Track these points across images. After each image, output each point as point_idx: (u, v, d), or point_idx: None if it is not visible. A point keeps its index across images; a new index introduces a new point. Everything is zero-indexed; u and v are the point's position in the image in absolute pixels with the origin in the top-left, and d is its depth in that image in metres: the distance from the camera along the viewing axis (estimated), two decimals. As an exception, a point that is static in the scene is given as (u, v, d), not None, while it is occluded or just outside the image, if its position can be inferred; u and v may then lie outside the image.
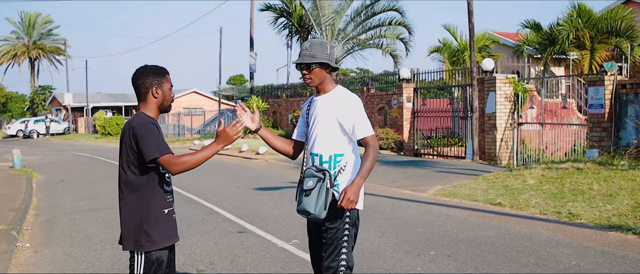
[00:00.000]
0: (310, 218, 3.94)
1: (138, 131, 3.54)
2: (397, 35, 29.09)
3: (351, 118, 3.95)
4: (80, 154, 28.22)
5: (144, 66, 3.75)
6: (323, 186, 3.86)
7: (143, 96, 3.71)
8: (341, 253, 3.92)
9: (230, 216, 9.60)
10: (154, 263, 3.66)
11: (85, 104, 57.85)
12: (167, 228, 3.69)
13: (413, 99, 22.19)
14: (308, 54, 3.97)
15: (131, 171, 3.60)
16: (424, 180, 13.42)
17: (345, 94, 4.06)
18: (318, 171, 3.92)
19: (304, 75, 4.02)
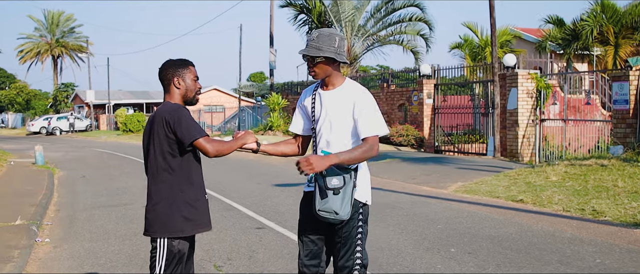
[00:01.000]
0: (332, 219, 3.67)
1: (172, 117, 3.61)
2: (418, 31, 28.90)
3: (361, 113, 3.73)
4: (102, 150, 28.42)
5: (169, 60, 3.84)
6: (350, 185, 3.68)
7: (167, 87, 3.79)
8: (356, 251, 3.80)
9: (249, 212, 9.57)
10: (175, 255, 3.69)
11: (107, 101, 58.33)
12: (200, 214, 3.74)
13: (433, 95, 22.01)
14: (314, 46, 3.73)
15: (165, 158, 3.66)
16: (445, 176, 13.28)
17: (357, 88, 3.83)
18: (341, 168, 3.70)
19: (309, 67, 3.80)
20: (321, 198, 3.70)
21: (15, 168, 18.46)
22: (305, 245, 3.92)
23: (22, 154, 24.66)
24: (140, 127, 43.55)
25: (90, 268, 6.47)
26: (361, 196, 3.82)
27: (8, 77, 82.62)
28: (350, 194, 3.68)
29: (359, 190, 3.80)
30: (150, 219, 3.73)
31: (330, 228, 3.83)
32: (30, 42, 67.63)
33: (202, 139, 3.59)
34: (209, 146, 3.60)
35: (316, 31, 3.78)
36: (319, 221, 3.75)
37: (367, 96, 3.82)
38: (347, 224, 3.77)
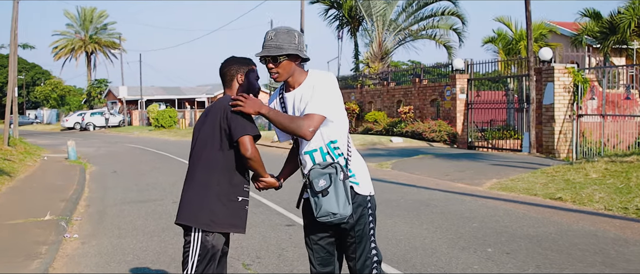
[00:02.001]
0: (335, 220, 3.45)
1: (227, 111, 3.56)
2: (450, 25, 28.46)
3: (313, 93, 3.46)
4: (134, 146, 28.60)
5: (232, 56, 3.84)
6: (337, 180, 3.45)
7: (228, 83, 3.75)
8: (371, 249, 3.63)
9: (279, 209, 9.40)
10: (209, 250, 3.61)
11: (139, 97, 58.87)
12: (236, 214, 3.66)
13: (467, 90, 21.60)
14: (274, 45, 3.48)
15: (212, 147, 3.61)
16: (479, 173, 12.95)
17: (317, 75, 3.56)
18: (324, 167, 3.49)
19: (270, 69, 3.52)
20: (315, 204, 3.49)
21: (48, 163, 18.61)
22: (316, 252, 3.70)
23: (56, 149, 24.92)
24: (171, 123, 43.81)
25: (117, 265, 6.36)
26: (365, 189, 3.62)
27: (43, 73, 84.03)
28: (344, 190, 3.46)
29: (361, 183, 3.59)
30: (183, 207, 3.67)
31: (338, 229, 3.62)
32: (64, 38, 68.69)
33: (248, 137, 3.52)
34: (251, 146, 3.52)
35: (272, 30, 3.52)
36: (327, 224, 3.56)
37: (324, 78, 3.54)
38: (359, 222, 3.57)
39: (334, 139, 3.54)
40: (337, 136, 3.55)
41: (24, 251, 6.76)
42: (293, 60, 3.53)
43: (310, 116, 3.42)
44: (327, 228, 3.61)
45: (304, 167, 3.63)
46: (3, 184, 12.72)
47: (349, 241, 3.60)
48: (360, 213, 3.57)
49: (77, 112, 58.95)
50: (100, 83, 66.40)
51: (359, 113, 28.14)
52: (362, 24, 31.82)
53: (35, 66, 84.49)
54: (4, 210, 9.60)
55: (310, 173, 3.51)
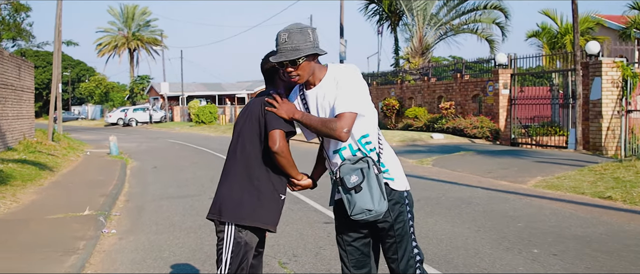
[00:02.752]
0: (371, 217, 3.28)
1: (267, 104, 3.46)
2: (493, 19, 27.89)
3: (339, 89, 3.28)
4: (174, 141, 28.84)
5: (273, 51, 3.65)
6: (370, 174, 3.27)
7: (271, 79, 3.65)
8: (413, 247, 3.43)
9: (317, 206, 9.25)
10: (242, 247, 3.48)
11: (181, 93, 59.49)
12: (276, 211, 3.54)
13: (510, 85, 21.12)
14: (290, 48, 3.27)
15: (251, 141, 3.50)
16: (523, 171, 12.58)
17: (338, 69, 3.39)
18: (355, 162, 3.31)
19: (289, 72, 3.33)
20: (349, 202, 3.32)
21: (91, 158, 18.85)
22: (350, 254, 3.52)
23: (99, 145, 25.27)
24: (212, 118, 44.11)
25: (153, 261, 6.29)
26: (400, 184, 3.42)
27: (88, 70, 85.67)
28: (378, 184, 3.27)
29: (397, 179, 3.40)
30: (218, 201, 3.56)
31: (375, 229, 3.43)
32: (107, 35, 69.87)
33: (279, 131, 3.37)
34: (281, 140, 3.37)
35: (284, 31, 3.31)
36: (358, 222, 3.38)
37: (346, 71, 3.35)
38: (398, 220, 3.38)
39: (365, 133, 3.38)
40: (368, 129, 3.38)
41: (62, 246, 6.76)
42: (311, 59, 3.34)
43: (342, 115, 3.23)
44: (361, 228, 3.44)
45: (332, 165, 3.46)
46: (46, 178, 12.88)
47: (388, 242, 3.42)
48: (398, 210, 3.39)
49: (120, 108, 59.88)
50: (142, 79, 67.34)
51: (399, 109, 27.82)
52: (402, 19, 31.44)
53: (80, 63, 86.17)
54: (45, 204, 9.68)
55: (340, 169, 3.34)
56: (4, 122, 16.89)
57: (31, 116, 21.56)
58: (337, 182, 3.38)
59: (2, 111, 16.79)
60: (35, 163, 14.52)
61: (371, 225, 3.41)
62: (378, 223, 3.38)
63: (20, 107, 19.47)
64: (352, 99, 3.25)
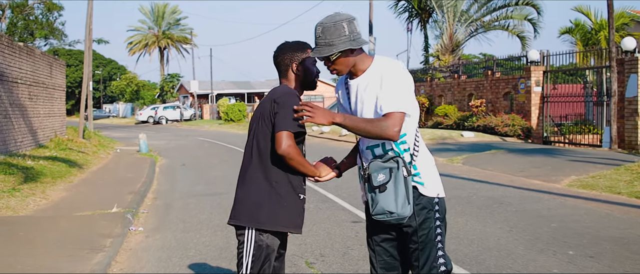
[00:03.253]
0: (392, 220, 3.16)
1: (281, 99, 3.31)
2: (525, 15, 27.43)
3: (383, 87, 3.14)
4: (203, 139, 28.95)
5: (284, 42, 3.56)
6: (399, 176, 3.12)
7: (284, 72, 3.52)
8: (438, 257, 3.23)
9: (345, 204, 9.12)
10: (263, 251, 3.37)
11: (210, 91, 59.83)
12: (297, 213, 3.41)
13: (542, 83, 20.72)
14: (324, 43, 3.16)
15: (266, 141, 3.36)
16: (556, 169, 12.29)
17: (385, 62, 3.24)
18: (386, 160, 3.18)
19: (328, 67, 3.26)
20: (372, 200, 3.20)
21: (121, 156, 18.98)
22: (378, 254, 3.39)
23: (129, 143, 25.47)
24: (241, 116, 44.24)
25: (179, 260, 6.23)
26: (431, 190, 3.25)
27: (119, 68, 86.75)
28: (405, 187, 3.12)
29: (427, 184, 3.23)
30: (237, 206, 3.45)
31: (401, 232, 3.28)
32: (138, 34, 70.61)
33: (285, 133, 3.24)
34: (285, 142, 3.23)
35: (319, 25, 3.19)
36: (389, 225, 3.24)
37: (393, 67, 3.19)
38: (423, 226, 3.21)
39: (402, 132, 3.22)
40: (405, 129, 3.23)
41: (89, 244, 6.74)
42: (349, 54, 3.21)
43: (390, 115, 3.10)
44: (389, 228, 3.30)
45: (364, 160, 3.34)
46: (75, 176, 12.97)
47: (411, 247, 3.26)
48: (424, 216, 3.22)
49: (150, 106, 60.48)
50: (172, 77, 67.92)
51: (428, 107, 27.54)
52: (433, 16, 31.12)
53: (112, 61, 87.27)
54: (74, 202, 9.72)
55: (369, 166, 3.22)
56: (36, 119, 17.08)
57: (62, 113, 21.81)
58: (364, 179, 3.26)
59: (34, 108, 16.99)
60: (65, 160, 14.64)
61: (397, 228, 3.27)
62: (402, 227, 3.24)
63: (52, 104, 19.69)
64: (399, 98, 3.12)
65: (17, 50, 15.42)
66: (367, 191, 3.24)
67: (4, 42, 14.32)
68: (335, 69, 3.24)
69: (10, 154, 13.71)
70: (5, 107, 14.17)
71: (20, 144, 15.25)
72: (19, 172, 11.46)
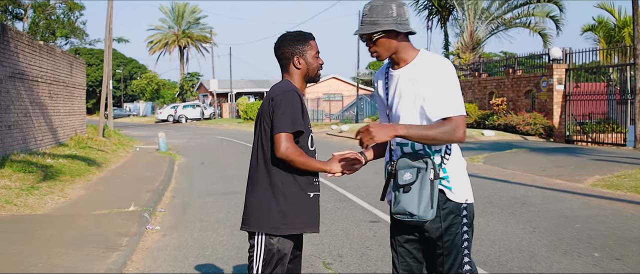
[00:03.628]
0: (412, 222, 3.01)
1: (278, 98, 3.17)
2: (547, 12, 27.06)
3: (439, 88, 2.99)
4: (222, 138, 28.98)
5: (285, 34, 3.38)
6: (425, 178, 2.97)
7: (285, 67, 3.37)
8: (464, 263, 3.09)
9: (364, 204, 9.00)
10: (274, 255, 3.23)
11: (229, 90, 59.95)
12: (309, 212, 3.27)
13: (564, 81, 20.41)
14: (369, 21, 3.03)
15: (269, 142, 3.22)
16: (580, 169, 12.06)
17: (435, 59, 3.07)
18: (416, 159, 3.02)
19: (369, 48, 3.12)
20: (394, 199, 3.05)
21: (140, 154, 19.02)
22: (400, 256, 3.23)
23: (148, 141, 25.56)
24: (260, 115, 44.24)
25: (195, 260, 6.16)
26: (461, 196, 3.09)
27: (140, 67, 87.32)
28: (430, 190, 2.96)
29: (456, 188, 3.07)
30: (247, 211, 3.33)
31: (425, 236, 3.13)
32: (158, 33, 71.05)
33: (283, 135, 3.11)
34: (284, 144, 3.11)
35: (368, 3, 3.07)
36: (413, 226, 3.10)
37: (446, 67, 3.04)
38: (448, 232, 3.06)
39: None
40: None
41: (105, 243, 6.69)
42: (392, 37, 3.06)
43: (453, 119, 2.97)
44: (413, 231, 3.16)
45: (393, 155, 3.19)
46: (94, 174, 12.99)
47: (436, 252, 3.12)
48: (450, 221, 3.07)
49: (170, 105, 60.79)
50: (192, 76, 68.21)
51: (448, 105, 27.25)
52: (453, 14, 30.83)
53: (132, 60, 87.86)
54: (92, 200, 9.71)
55: (397, 163, 3.07)
56: (56, 118, 17.17)
57: (83, 112, 21.92)
58: (390, 175, 3.12)
59: (54, 107, 17.08)
60: (84, 159, 14.69)
61: (421, 231, 3.13)
62: (425, 231, 3.10)
63: (72, 103, 19.80)
64: (459, 100, 3.02)
65: (37, 49, 15.50)
66: (391, 188, 3.11)
67: (24, 41, 14.40)
68: (375, 51, 3.09)
69: (30, 152, 13.77)
70: (25, 106, 14.25)
71: (41, 143, 15.33)
72: (38, 170, 11.50)
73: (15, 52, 13.58)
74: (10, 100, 13.10)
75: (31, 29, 41.55)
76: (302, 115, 3.21)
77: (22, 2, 40.62)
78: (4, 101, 12.73)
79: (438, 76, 3.01)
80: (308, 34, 3.37)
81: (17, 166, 11.44)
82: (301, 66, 3.33)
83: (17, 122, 13.51)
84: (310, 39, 3.36)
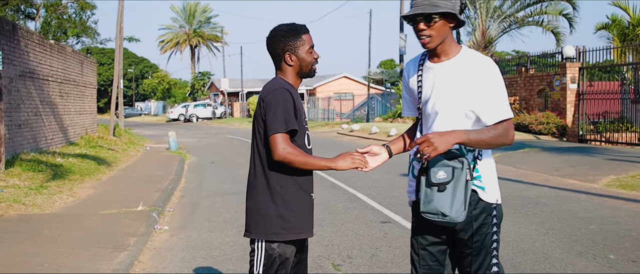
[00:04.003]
0: (443, 222, 2.90)
1: (269, 98, 3.03)
2: (560, 10, 26.76)
3: (488, 91, 2.89)
4: (233, 137, 28.94)
5: (277, 28, 3.18)
6: (461, 178, 2.85)
7: (277, 63, 3.21)
8: (492, 264, 3.00)
9: (374, 204, 8.89)
10: (275, 260, 3.10)
11: (240, 89, 59.97)
12: (306, 215, 3.13)
13: (578, 80, 20.18)
14: (428, 3, 2.86)
15: (264, 145, 3.07)
16: (594, 169, 11.88)
17: (480, 58, 2.95)
18: (451, 157, 2.90)
19: (420, 31, 2.92)
20: (425, 196, 2.93)
21: (150, 153, 19.00)
22: (422, 259, 3.10)
23: (159, 140, 25.56)
24: (270, 114, 44.19)
25: (203, 261, 6.08)
26: (491, 196, 2.99)
27: (151, 67, 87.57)
28: (464, 190, 2.85)
29: (488, 189, 2.97)
30: (247, 216, 3.20)
31: (453, 237, 3.03)
32: (170, 32, 71.19)
33: (279, 136, 2.97)
34: (281, 145, 2.96)
35: None
36: (440, 226, 2.98)
37: (494, 69, 2.93)
38: (479, 232, 2.96)
39: None
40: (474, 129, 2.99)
41: (112, 243, 6.63)
42: (449, 22, 2.92)
43: (505, 122, 2.92)
44: (440, 232, 3.04)
45: None
46: (104, 173, 12.96)
47: (465, 252, 3.02)
48: (482, 221, 2.98)
49: (181, 104, 60.87)
50: (203, 76, 68.29)
51: (460, 104, 27.06)
52: (464, 12, 30.60)
53: (144, 60, 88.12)
54: (100, 199, 9.66)
55: (433, 158, 2.91)
56: (66, 117, 17.18)
57: (93, 111, 21.94)
58: (421, 170, 2.98)
59: (65, 106, 17.08)
60: (94, 158, 14.67)
61: (450, 231, 3.02)
62: (457, 232, 2.99)
63: (83, 102, 19.81)
64: (507, 103, 2.94)
65: (48, 48, 15.50)
66: (424, 185, 2.96)
67: (34, 40, 14.39)
68: (430, 35, 2.91)
69: (40, 151, 13.77)
70: (36, 105, 14.25)
71: (51, 142, 15.33)
72: (47, 169, 11.48)
73: (25, 51, 13.57)
74: (20, 99, 13.10)
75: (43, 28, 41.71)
76: (296, 113, 3.05)
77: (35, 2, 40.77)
78: (15, 99, 12.73)
79: (488, 76, 2.91)
80: (301, 28, 3.18)
81: (26, 165, 11.42)
82: (293, 63, 3.17)
83: (27, 121, 13.51)
84: (303, 33, 3.17)
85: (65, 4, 42.81)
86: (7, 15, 38.08)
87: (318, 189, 3.28)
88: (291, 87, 3.14)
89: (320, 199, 9.43)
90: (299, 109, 3.10)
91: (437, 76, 2.99)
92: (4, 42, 12.05)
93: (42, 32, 40.21)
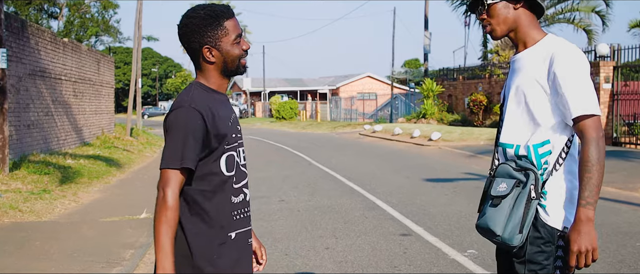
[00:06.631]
0: (495, 242, 2.40)
1: (170, 119, 2.25)
2: (593, 8, 25.82)
3: (565, 78, 2.32)
4: (253, 137, 28.42)
5: (190, 13, 2.33)
6: (523, 195, 2.33)
7: (195, 61, 2.36)
8: None
9: (394, 213, 8.22)
10: None
11: (262, 89, 59.60)
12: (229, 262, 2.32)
13: (612, 79, 19.28)
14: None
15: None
16: (633, 175, 11.07)
17: (559, 44, 2.40)
18: (518, 169, 2.39)
19: (481, 20, 2.51)
20: (482, 208, 2.49)
21: (166, 154, 18.53)
22: (498, 267, 2.61)
23: (178, 140, 25.11)
24: (292, 114, 43.72)
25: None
26: (557, 220, 2.38)
27: (175, 66, 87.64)
28: (523, 212, 2.31)
29: (554, 212, 2.38)
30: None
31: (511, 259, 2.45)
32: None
33: (171, 172, 2.19)
34: (163, 192, 2.18)
35: None
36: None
37: (575, 54, 2.36)
38: (534, 260, 2.36)
39: (545, 139, 2.41)
40: (550, 136, 2.41)
41: (107, 256, 6.08)
42: (511, 3, 2.45)
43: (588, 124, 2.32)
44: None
45: (497, 158, 2.57)
46: (114, 176, 12.48)
47: None
48: (538, 248, 2.39)
49: (204, 103, 60.75)
50: (226, 75, 68.14)
51: (487, 105, 26.28)
52: None
53: (168, 59, 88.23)
54: (104, 205, 9.15)
55: (498, 168, 2.48)
56: (81, 117, 16.77)
57: (110, 110, 21.57)
58: (489, 179, 2.51)
59: (79, 105, 16.67)
60: (107, 159, 14.20)
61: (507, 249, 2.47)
62: (511, 255, 2.43)
63: (99, 101, 19.42)
64: (592, 97, 2.34)
65: (61, 46, 15.09)
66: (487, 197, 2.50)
67: (46, 38, 13.97)
68: (489, 23, 2.49)
69: (51, 152, 13.34)
70: (47, 105, 13.83)
71: (64, 142, 14.91)
72: (55, 171, 11.02)
73: (36, 49, 13.15)
74: (30, 98, 12.67)
75: (66, 27, 41.75)
76: (207, 137, 2.27)
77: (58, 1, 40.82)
78: (23, 99, 12.30)
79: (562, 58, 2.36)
80: (221, 12, 2.32)
81: (33, 167, 10.97)
82: (214, 59, 2.32)
83: (37, 121, 13.08)
84: (225, 19, 2.32)
85: (88, 3, 42.81)
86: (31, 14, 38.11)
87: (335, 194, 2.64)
88: (205, 102, 2.29)
89: (337, 205, 8.80)
90: (218, 126, 2.32)
91: (516, 68, 2.51)
92: (12, 40, 11.62)
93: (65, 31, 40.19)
